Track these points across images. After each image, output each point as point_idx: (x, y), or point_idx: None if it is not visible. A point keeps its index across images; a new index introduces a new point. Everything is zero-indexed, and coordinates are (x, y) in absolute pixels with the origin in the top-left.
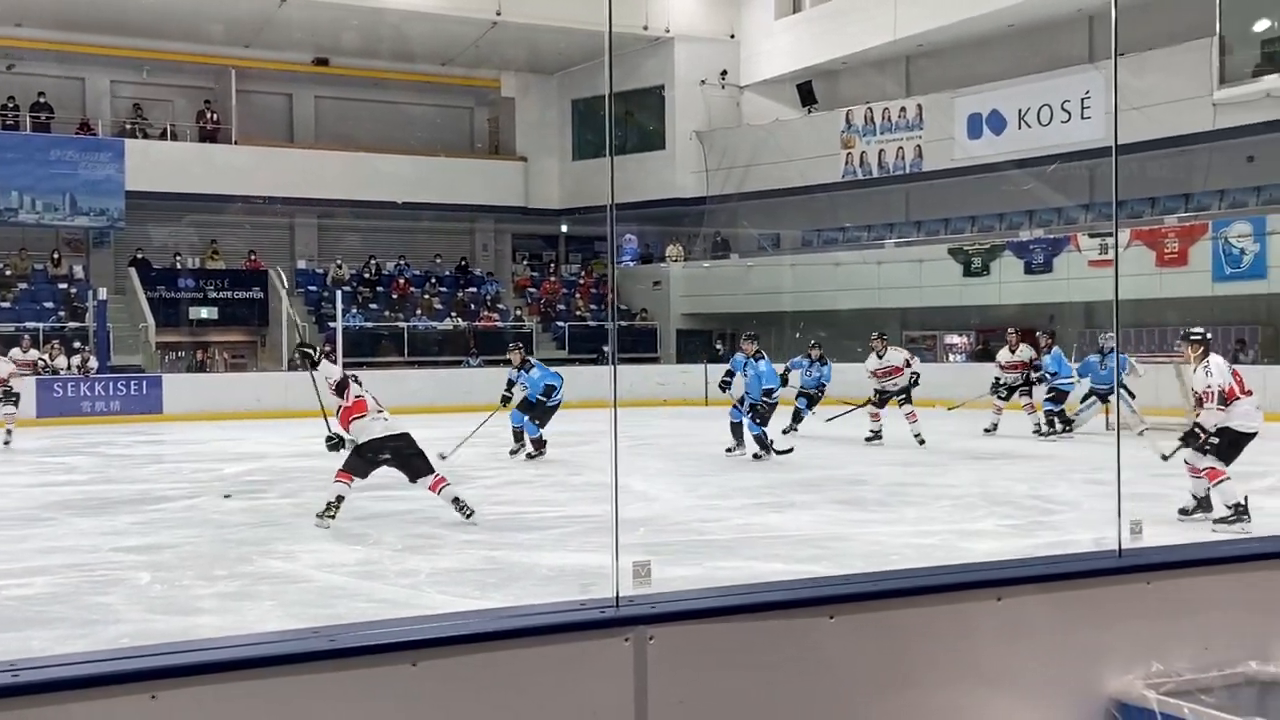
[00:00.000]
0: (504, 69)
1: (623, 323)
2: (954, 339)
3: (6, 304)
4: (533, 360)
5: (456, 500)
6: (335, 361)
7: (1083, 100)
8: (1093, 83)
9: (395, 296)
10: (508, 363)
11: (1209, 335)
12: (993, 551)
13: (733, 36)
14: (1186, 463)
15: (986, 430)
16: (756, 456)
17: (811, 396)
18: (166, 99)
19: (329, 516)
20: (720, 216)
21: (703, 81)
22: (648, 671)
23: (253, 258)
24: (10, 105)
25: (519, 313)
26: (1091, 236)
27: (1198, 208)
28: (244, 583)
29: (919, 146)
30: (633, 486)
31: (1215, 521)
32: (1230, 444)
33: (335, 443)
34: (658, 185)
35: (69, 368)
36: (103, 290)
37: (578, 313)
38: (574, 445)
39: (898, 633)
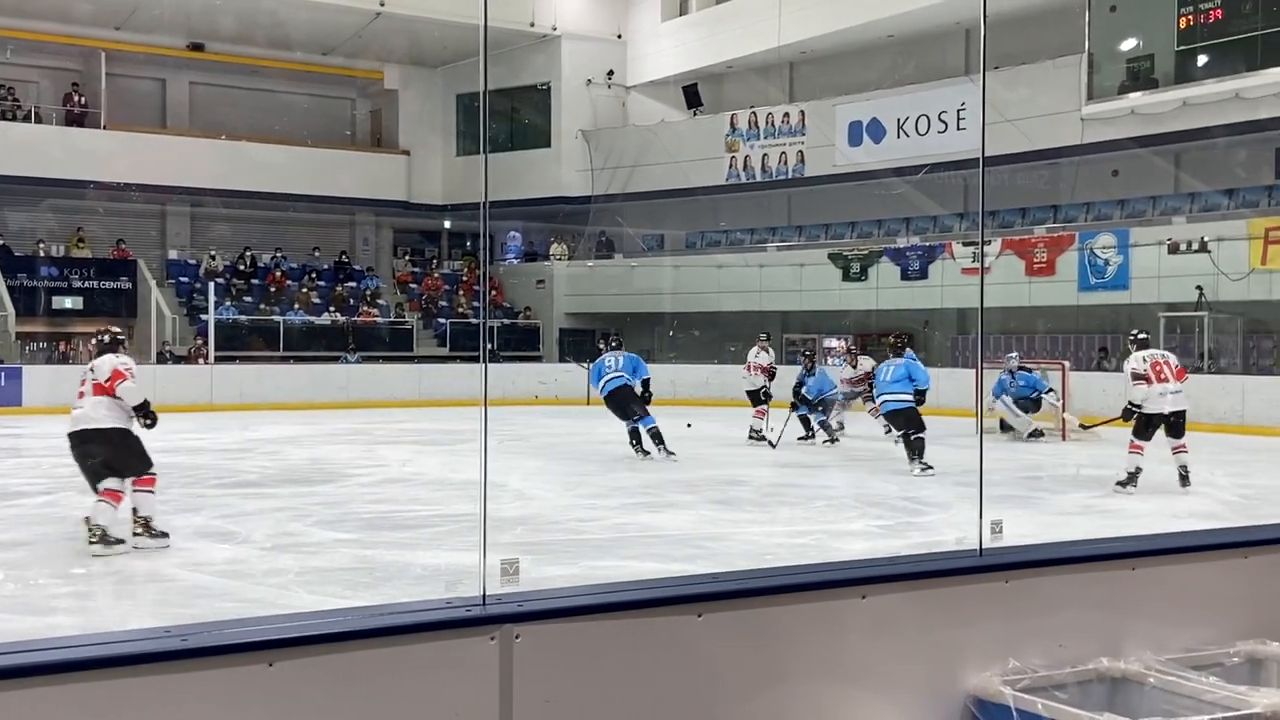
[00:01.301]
0: (387, 61)
1: (506, 321)
2: (832, 342)
3: None
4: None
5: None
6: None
7: (959, 111)
8: (969, 94)
9: (271, 289)
10: (391, 360)
11: (1144, 335)
12: (863, 551)
13: (620, 37)
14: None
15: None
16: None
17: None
18: (30, 80)
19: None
20: (605, 216)
21: (589, 81)
22: (514, 670)
23: (121, 246)
24: None
25: (400, 309)
26: (965, 245)
27: (1065, 219)
28: (104, 582)
29: (801, 152)
30: (510, 485)
31: (1115, 483)
32: (1143, 423)
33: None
34: (543, 183)
35: None
36: None
37: (460, 310)
38: (453, 444)
39: (766, 631)
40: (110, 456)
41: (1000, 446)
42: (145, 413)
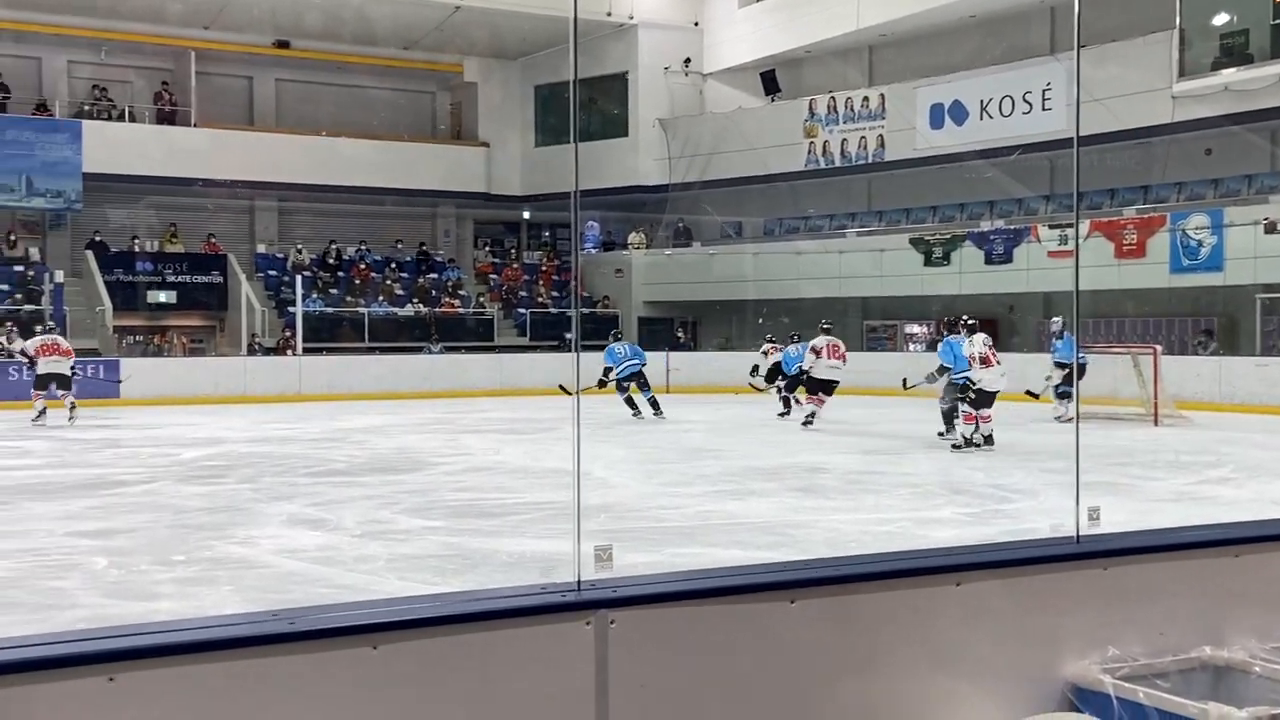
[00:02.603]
0: (467, 54)
1: (584, 310)
2: (914, 328)
3: None
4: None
5: None
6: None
7: (1044, 92)
8: (1054, 74)
9: (356, 282)
10: (473, 349)
11: (972, 321)
12: (950, 539)
13: (696, 24)
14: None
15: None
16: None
17: None
18: (125, 80)
19: None
20: (682, 204)
21: (666, 69)
22: (609, 655)
23: (212, 241)
24: None
25: (480, 299)
26: (1051, 227)
27: (1156, 200)
28: (201, 568)
29: (881, 136)
30: (593, 473)
31: (952, 446)
32: (980, 396)
33: None
34: (620, 172)
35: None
36: (59, 273)
37: (539, 300)
38: (534, 432)
39: (857, 617)
40: None
41: (1090, 431)
42: None
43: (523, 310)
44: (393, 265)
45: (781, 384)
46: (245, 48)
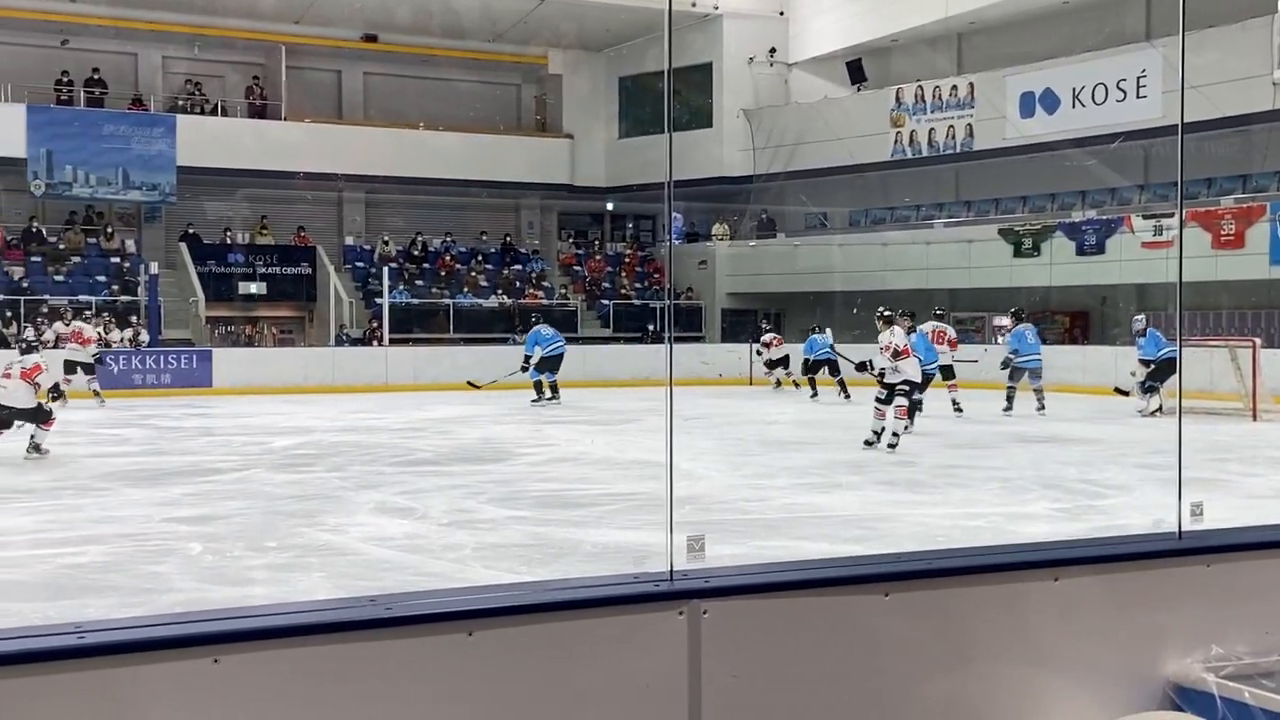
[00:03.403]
0: (552, 45)
1: (668, 301)
2: (1003, 320)
3: (60, 277)
4: None
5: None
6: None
7: (1138, 79)
8: (1150, 61)
9: (441, 273)
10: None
11: (889, 312)
12: (1041, 535)
13: (782, 14)
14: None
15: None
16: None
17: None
18: (217, 75)
19: None
20: (767, 195)
21: (751, 59)
22: (701, 645)
23: (301, 233)
24: (65, 80)
25: (564, 291)
26: (1145, 218)
27: (1256, 189)
28: (293, 554)
29: (970, 125)
30: (678, 465)
31: (864, 442)
32: (890, 391)
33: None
34: (704, 163)
35: (121, 341)
36: (154, 264)
37: (623, 291)
38: (617, 424)
39: (952, 612)
40: None
41: (1187, 426)
42: None
43: (606, 302)
44: (478, 257)
45: (784, 372)
46: (334, 42)
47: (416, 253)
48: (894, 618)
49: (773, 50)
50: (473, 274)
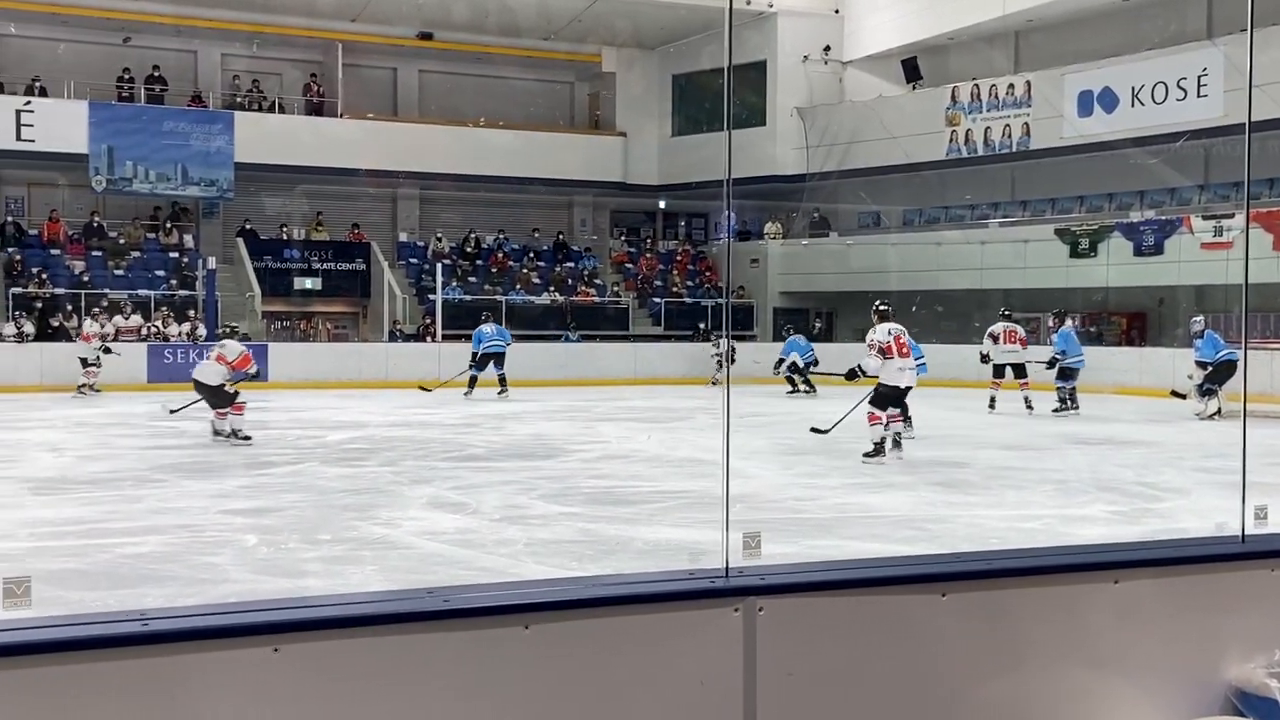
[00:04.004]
0: (606, 43)
1: (719, 300)
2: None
3: (120, 271)
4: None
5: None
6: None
7: (1199, 78)
8: (1211, 59)
9: (494, 270)
10: (608, 338)
11: (889, 306)
12: (1096, 538)
13: (837, 12)
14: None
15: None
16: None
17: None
18: (275, 72)
19: None
20: (820, 194)
21: (805, 57)
22: (757, 642)
23: (356, 230)
24: (126, 78)
25: (616, 288)
26: (1205, 218)
27: None
28: (346, 547)
29: (1026, 124)
30: (730, 463)
31: (863, 455)
32: (881, 395)
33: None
34: (758, 162)
35: (179, 335)
36: (212, 260)
37: (674, 289)
38: (669, 421)
39: (1010, 613)
40: None
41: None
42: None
43: (658, 299)
44: (530, 254)
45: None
46: (390, 40)
47: (469, 249)
48: (951, 619)
49: (827, 48)
50: (525, 271)
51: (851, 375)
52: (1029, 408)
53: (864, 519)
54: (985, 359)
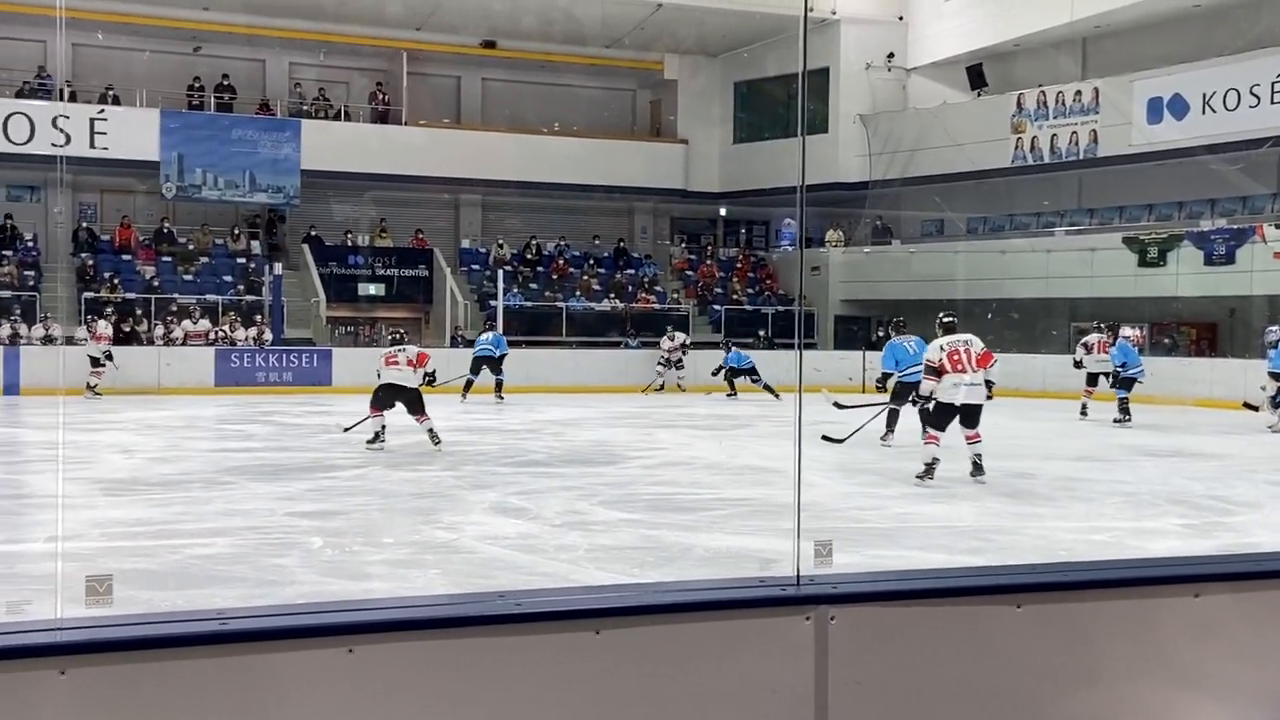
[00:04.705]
0: (669, 51)
1: (780, 308)
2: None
3: (189, 277)
4: None
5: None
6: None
7: (1273, 84)
8: None
9: (555, 277)
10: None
11: (949, 319)
12: (1166, 551)
13: (901, 18)
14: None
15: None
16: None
17: None
18: (342, 80)
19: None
20: (882, 201)
21: (868, 64)
22: (829, 651)
23: (419, 236)
24: (196, 86)
25: (676, 295)
26: (1278, 227)
27: None
28: (410, 551)
29: (1094, 131)
30: (790, 471)
31: (916, 476)
32: (935, 412)
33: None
34: (819, 169)
35: (245, 339)
36: (278, 265)
37: (734, 296)
38: (729, 429)
39: (1086, 626)
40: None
41: None
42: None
43: (718, 307)
44: (591, 261)
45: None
46: (454, 48)
47: (530, 256)
48: (1026, 631)
49: (891, 55)
50: (585, 278)
51: (913, 402)
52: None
53: (927, 529)
54: (1079, 365)
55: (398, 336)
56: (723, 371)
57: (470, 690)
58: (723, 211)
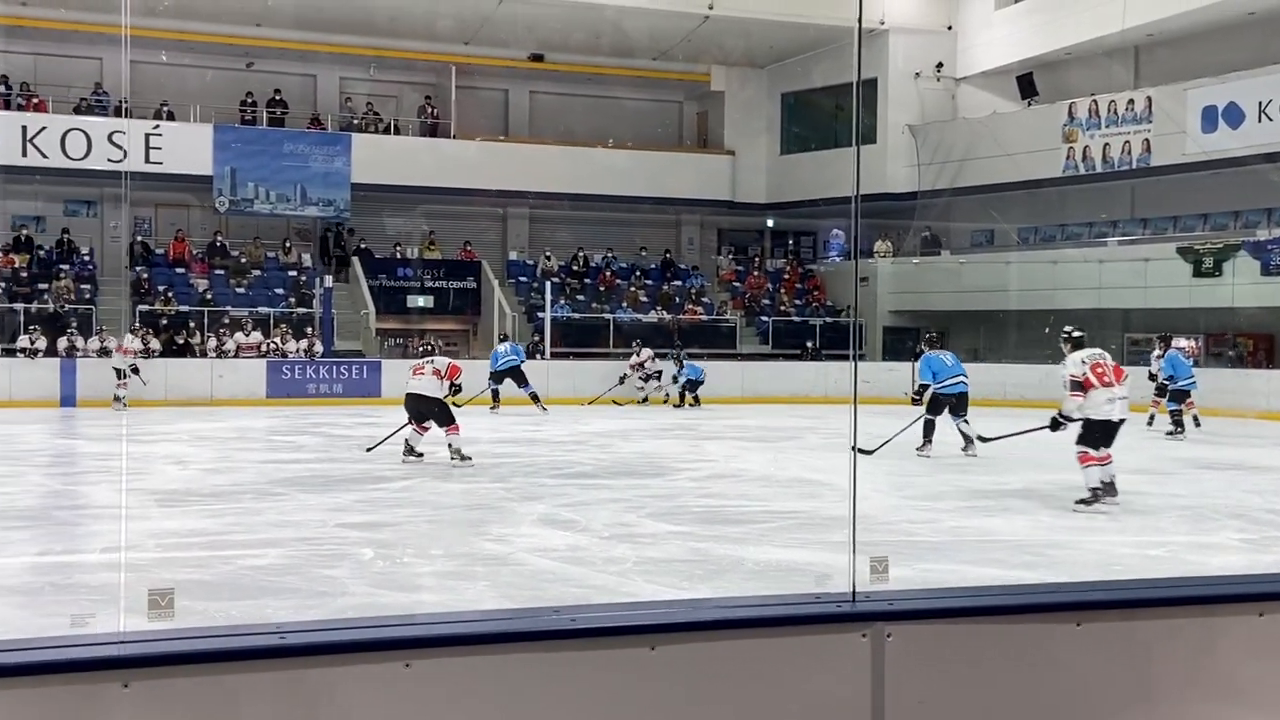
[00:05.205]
0: (717, 62)
1: (828, 319)
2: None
3: (242, 290)
4: None
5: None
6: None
7: None
8: None
9: (602, 288)
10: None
11: (1079, 333)
12: (1223, 567)
13: (950, 28)
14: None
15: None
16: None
17: None
18: (392, 94)
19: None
20: (931, 212)
21: (917, 74)
22: (885, 669)
23: (467, 248)
24: (249, 101)
25: (723, 307)
26: None
27: None
28: (459, 563)
29: (1147, 140)
30: (838, 483)
31: (1076, 502)
32: (1089, 430)
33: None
34: (867, 180)
35: (296, 351)
36: (328, 278)
37: (782, 308)
38: (776, 440)
39: (1147, 644)
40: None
41: None
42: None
43: (765, 318)
44: (638, 272)
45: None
46: (502, 62)
47: (578, 268)
48: (1086, 649)
49: (940, 65)
50: (633, 289)
51: (1056, 426)
52: (1196, 425)
53: (981, 543)
54: (1153, 378)
55: (427, 348)
56: (678, 384)
57: (526, 705)
58: (770, 223)
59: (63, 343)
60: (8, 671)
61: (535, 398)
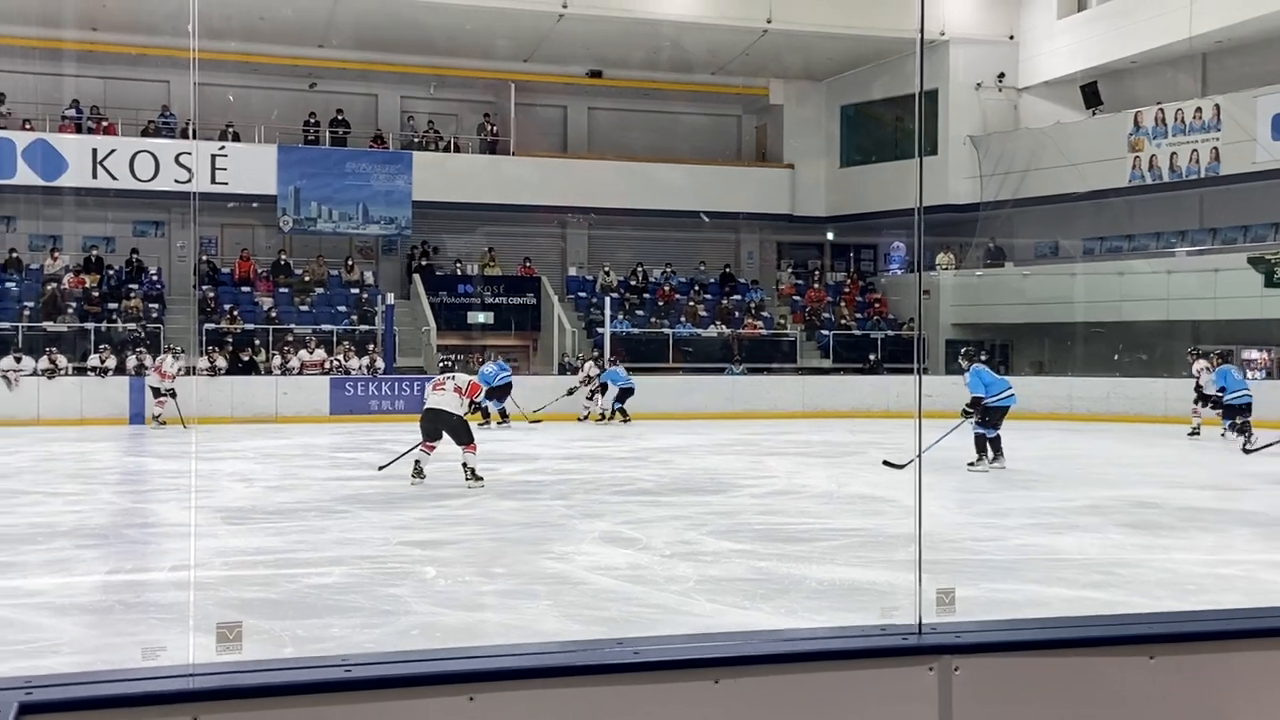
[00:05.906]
0: (775, 76)
1: (890, 332)
2: (1252, 354)
3: (305, 307)
4: None
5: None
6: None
7: None
8: None
9: (661, 303)
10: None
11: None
12: None
13: (1011, 38)
14: None
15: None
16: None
17: None
18: (452, 113)
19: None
20: (994, 223)
21: (978, 85)
22: (952, 704)
23: (527, 264)
24: (312, 121)
25: (783, 321)
26: None
27: None
28: (521, 581)
29: (1215, 149)
30: (901, 500)
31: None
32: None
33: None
34: (929, 191)
35: (359, 368)
36: (390, 295)
37: (842, 321)
38: (837, 456)
39: (1224, 679)
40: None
41: None
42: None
43: (825, 332)
44: (697, 287)
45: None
46: (561, 78)
47: (636, 283)
48: (1159, 684)
49: (1001, 75)
50: (692, 304)
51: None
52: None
53: (1048, 561)
54: (1199, 389)
55: (447, 364)
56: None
57: None
58: (830, 236)
59: (131, 361)
60: (80, 705)
61: (504, 414)
